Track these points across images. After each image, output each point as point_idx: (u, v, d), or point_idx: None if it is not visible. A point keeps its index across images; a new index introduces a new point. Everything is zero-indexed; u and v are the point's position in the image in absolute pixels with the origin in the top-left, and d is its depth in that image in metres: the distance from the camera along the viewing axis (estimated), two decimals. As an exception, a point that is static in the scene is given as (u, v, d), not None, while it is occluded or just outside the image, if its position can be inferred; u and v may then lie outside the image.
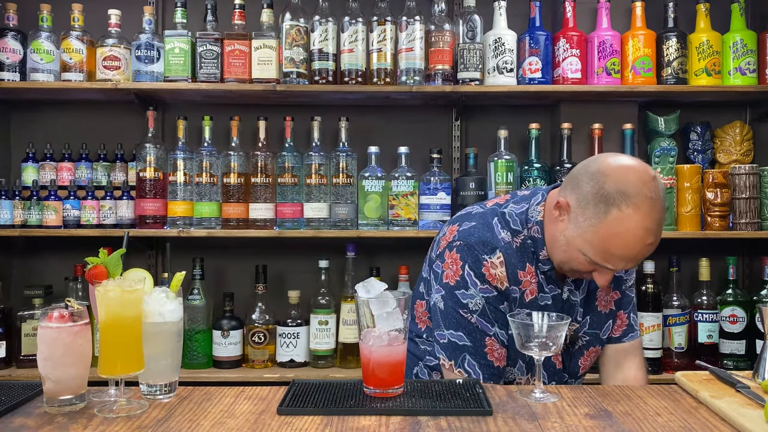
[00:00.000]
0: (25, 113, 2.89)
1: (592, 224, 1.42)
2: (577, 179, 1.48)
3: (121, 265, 1.36)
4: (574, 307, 1.61)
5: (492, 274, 1.52)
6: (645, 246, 1.42)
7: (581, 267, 1.48)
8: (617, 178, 1.41)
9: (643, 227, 1.39)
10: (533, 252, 1.56)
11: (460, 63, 2.63)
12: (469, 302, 1.53)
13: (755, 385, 1.39)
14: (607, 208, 1.40)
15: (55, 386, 1.25)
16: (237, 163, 2.64)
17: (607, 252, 1.42)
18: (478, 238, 1.54)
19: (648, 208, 1.39)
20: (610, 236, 1.41)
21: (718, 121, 2.89)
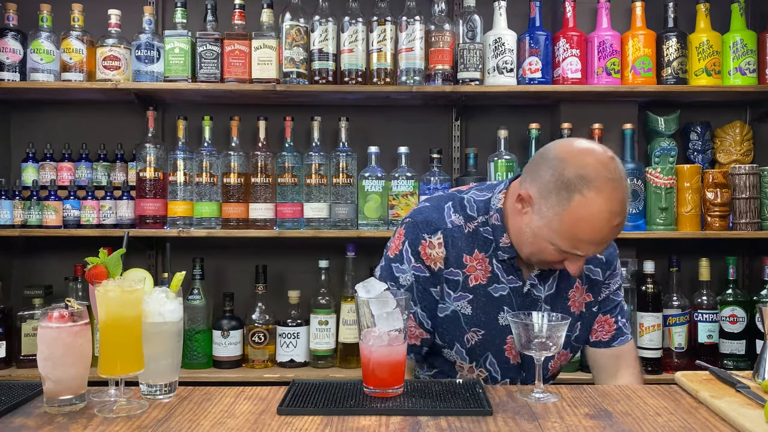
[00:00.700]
0: (25, 113, 2.89)
1: (556, 213, 1.40)
2: (537, 169, 1.46)
3: (121, 265, 1.36)
4: (537, 302, 1.58)
5: (427, 254, 1.54)
6: (612, 228, 1.40)
7: (551, 257, 1.46)
8: (576, 163, 1.40)
9: (608, 210, 1.38)
10: (490, 240, 1.56)
11: (460, 63, 2.63)
12: (400, 276, 1.55)
13: (755, 385, 1.39)
14: (569, 194, 1.38)
15: (55, 386, 1.25)
16: (237, 163, 2.64)
17: (575, 238, 1.41)
18: (424, 218, 1.56)
19: (610, 190, 1.38)
20: (575, 222, 1.39)
21: (718, 121, 2.89)
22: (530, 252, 1.49)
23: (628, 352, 1.70)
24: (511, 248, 1.54)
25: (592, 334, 1.68)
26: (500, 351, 1.57)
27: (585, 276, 1.63)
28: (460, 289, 1.55)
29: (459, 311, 1.54)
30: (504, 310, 1.56)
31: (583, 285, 1.62)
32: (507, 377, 1.61)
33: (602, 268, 1.65)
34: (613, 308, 1.68)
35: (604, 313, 1.67)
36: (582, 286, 1.62)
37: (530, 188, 1.46)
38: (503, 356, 1.58)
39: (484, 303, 1.55)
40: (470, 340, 1.55)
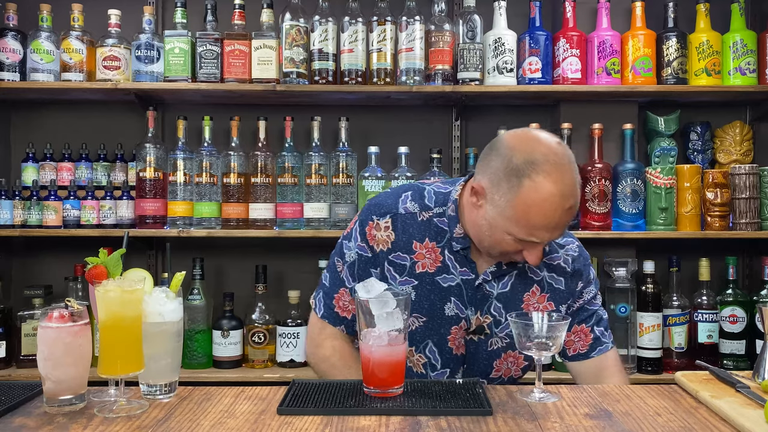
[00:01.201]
0: (25, 113, 2.89)
1: (508, 200, 1.42)
2: (487, 160, 1.48)
3: (121, 265, 1.36)
4: (488, 298, 1.58)
5: (372, 235, 1.59)
6: (564, 211, 1.41)
7: (510, 248, 1.47)
8: (524, 149, 1.42)
9: (559, 193, 1.39)
10: (445, 230, 1.58)
11: (460, 63, 2.63)
12: (346, 253, 1.62)
13: (755, 385, 1.39)
14: (519, 180, 1.40)
15: (55, 386, 1.25)
16: (237, 163, 2.64)
17: (529, 224, 1.41)
18: (378, 202, 1.62)
19: (559, 173, 1.39)
20: (528, 208, 1.40)
21: (718, 121, 2.89)
22: (489, 244, 1.50)
23: (610, 360, 1.67)
24: (464, 239, 1.56)
25: (569, 346, 1.66)
26: (443, 340, 1.58)
27: (546, 283, 1.62)
28: (405, 274, 1.58)
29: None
30: (451, 301, 1.57)
31: (544, 292, 1.61)
32: (447, 367, 1.61)
33: (566, 278, 1.63)
34: (589, 317, 1.67)
35: (579, 323, 1.66)
36: (542, 294, 1.61)
37: (482, 180, 1.48)
38: (446, 346, 1.59)
39: (429, 291, 1.57)
40: (411, 325, 1.56)
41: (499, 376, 1.64)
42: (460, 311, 1.57)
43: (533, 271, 1.61)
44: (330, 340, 1.64)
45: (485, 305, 1.58)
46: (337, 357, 1.63)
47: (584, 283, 1.66)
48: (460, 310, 1.57)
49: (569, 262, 1.64)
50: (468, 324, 1.58)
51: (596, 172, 2.60)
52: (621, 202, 2.62)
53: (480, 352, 1.60)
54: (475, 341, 1.60)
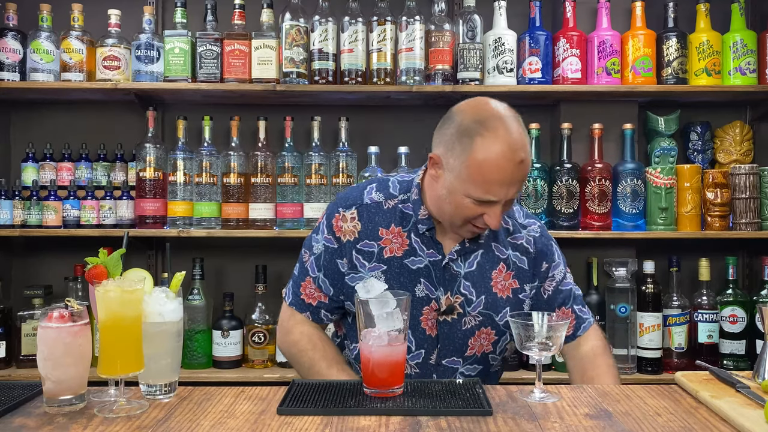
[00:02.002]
0: (25, 113, 2.89)
1: (462, 161, 1.48)
2: (441, 130, 1.56)
3: (121, 265, 1.36)
4: (456, 278, 1.63)
5: (339, 227, 1.65)
6: (516, 165, 1.46)
7: (471, 212, 1.52)
8: (471, 111, 1.51)
9: (509, 146, 1.46)
10: (409, 215, 1.64)
11: (460, 63, 2.63)
12: (314, 245, 1.69)
13: (755, 385, 1.39)
14: (470, 140, 1.47)
15: (55, 386, 1.25)
16: (237, 163, 2.64)
17: (485, 181, 1.47)
18: (344, 195, 1.70)
19: (506, 127, 1.47)
20: (481, 165, 1.46)
21: (718, 121, 2.89)
22: (452, 214, 1.55)
23: (594, 335, 1.73)
24: (428, 220, 1.62)
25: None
26: (416, 321, 1.61)
27: (512, 262, 1.67)
28: (374, 260, 1.63)
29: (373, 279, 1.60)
30: (421, 282, 1.61)
31: (509, 270, 1.66)
32: (422, 348, 1.64)
33: (529, 258, 1.68)
34: (566, 298, 1.72)
35: (559, 306, 1.70)
36: (507, 271, 1.66)
37: (438, 149, 1.55)
38: (419, 327, 1.62)
39: (398, 274, 1.61)
40: None
41: (473, 354, 1.66)
42: (430, 292, 1.61)
43: (499, 250, 1.66)
44: (299, 326, 1.70)
45: (454, 285, 1.62)
46: (306, 340, 1.68)
47: (549, 263, 1.70)
48: (430, 291, 1.61)
49: (531, 243, 1.69)
50: (438, 305, 1.62)
51: (596, 172, 2.61)
52: (621, 202, 2.62)
53: (454, 331, 1.63)
54: (449, 321, 1.63)
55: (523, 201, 2.62)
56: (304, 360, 1.67)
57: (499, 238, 1.67)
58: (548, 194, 2.64)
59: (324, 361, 1.64)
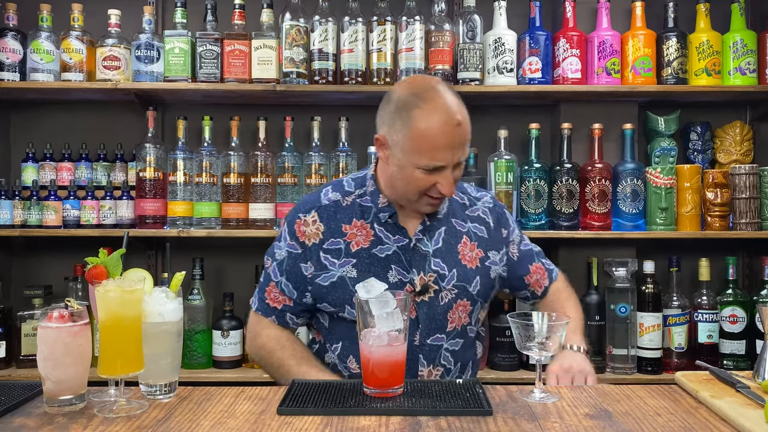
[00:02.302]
0: (25, 113, 2.89)
1: (405, 134, 1.55)
2: (382, 113, 1.63)
3: (121, 265, 1.36)
4: (426, 257, 1.67)
5: (302, 231, 1.69)
6: (455, 127, 1.55)
7: (423, 183, 1.57)
8: (406, 87, 1.62)
9: (445, 111, 1.55)
10: (369, 207, 1.69)
11: (460, 63, 2.63)
12: (276, 252, 1.72)
13: (755, 385, 1.39)
14: (408, 113, 1.55)
15: (55, 386, 1.25)
16: (237, 163, 2.64)
17: (430, 149, 1.54)
18: (302, 202, 1.75)
19: (440, 95, 1.57)
20: (423, 134, 1.53)
21: (718, 121, 2.88)
22: (405, 189, 1.61)
23: (562, 283, 1.90)
24: (389, 207, 1.68)
25: (538, 285, 1.84)
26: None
27: (473, 233, 1.75)
28: (343, 256, 1.66)
29: (345, 276, 1.65)
30: (392, 269, 1.65)
31: (473, 241, 1.74)
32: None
33: (487, 227, 1.78)
34: (533, 255, 1.85)
35: (530, 263, 1.83)
36: (471, 243, 1.74)
37: (381, 130, 1.63)
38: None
39: (369, 264, 1.65)
40: None
41: (454, 328, 1.69)
42: (402, 276, 1.65)
43: (459, 224, 1.74)
44: (265, 330, 1.73)
45: (425, 264, 1.67)
46: (273, 342, 1.71)
47: (507, 229, 1.81)
48: (402, 275, 1.65)
49: (487, 213, 1.80)
50: (413, 286, 1.64)
51: (596, 172, 2.61)
52: (621, 202, 2.62)
53: (434, 309, 1.66)
54: (427, 301, 1.66)
55: (523, 201, 2.62)
56: (273, 360, 1.70)
57: (458, 214, 1.75)
58: (548, 194, 2.64)
59: (293, 359, 1.67)
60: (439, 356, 1.66)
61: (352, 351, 1.65)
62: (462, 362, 1.71)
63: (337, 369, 1.68)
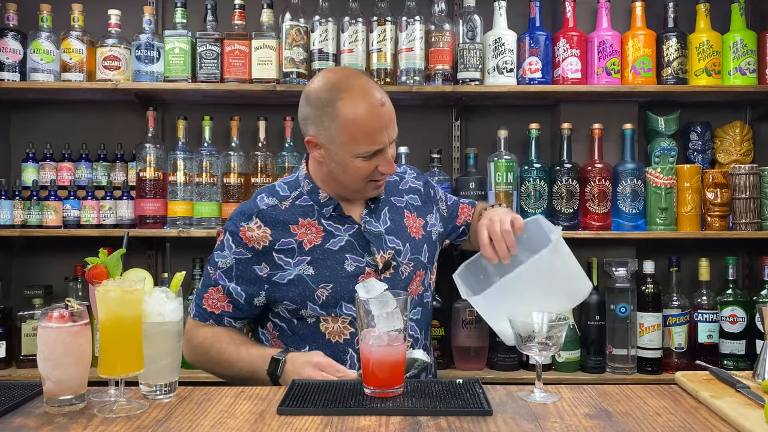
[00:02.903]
0: (25, 113, 2.89)
1: (336, 128, 1.58)
2: (304, 117, 1.66)
3: (121, 265, 1.36)
4: (380, 237, 1.72)
5: (249, 237, 1.68)
6: (381, 107, 1.59)
7: (366, 170, 1.61)
8: (319, 84, 1.63)
9: (367, 95, 1.59)
10: (311, 205, 1.71)
11: (460, 63, 2.63)
12: (219, 261, 1.70)
13: (755, 385, 1.39)
14: (332, 108, 1.58)
15: (55, 386, 1.26)
16: (237, 163, 2.64)
17: (365, 135, 1.58)
18: (238, 211, 1.73)
19: (356, 81, 1.60)
20: (353, 123, 1.57)
21: (718, 121, 2.88)
22: (351, 181, 1.64)
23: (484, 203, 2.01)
24: (330, 200, 1.71)
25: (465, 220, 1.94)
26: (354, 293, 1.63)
27: (410, 205, 1.82)
28: (297, 255, 1.68)
29: (302, 274, 1.66)
30: (348, 258, 1.68)
31: (412, 213, 1.81)
32: None
33: (419, 194, 1.86)
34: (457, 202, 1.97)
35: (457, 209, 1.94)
36: (411, 214, 1.80)
37: (310, 132, 1.65)
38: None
39: (324, 259, 1.67)
40: (321, 296, 1.66)
41: (413, 299, 1.75)
42: (358, 263, 1.69)
43: (397, 201, 1.81)
44: (201, 330, 1.73)
45: (381, 243, 1.71)
46: (210, 337, 1.70)
47: (432, 189, 1.91)
48: (358, 262, 1.69)
49: (414, 181, 1.88)
50: (375, 266, 1.67)
51: (596, 172, 2.61)
52: (621, 202, 2.62)
53: (397, 284, 1.69)
54: (389, 278, 1.69)
55: (523, 201, 2.62)
56: (212, 354, 1.69)
57: (393, 191, 1.82)
58: (548, 194, 2.64)
59: (231, 345, 1.67)
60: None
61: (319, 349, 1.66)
62: (425, 329, 1.76)
63: None
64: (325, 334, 1.68)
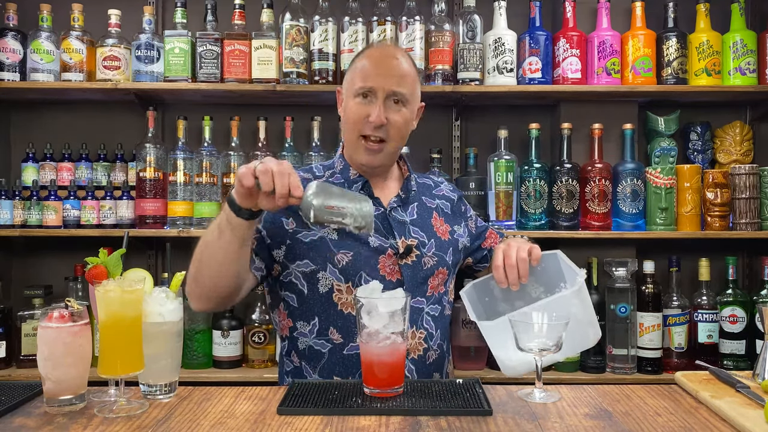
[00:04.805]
0: (25, 113, 2.89)
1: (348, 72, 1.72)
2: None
3: (121, 265, 1.36)
4: (404, 225, 1.73)
5: None
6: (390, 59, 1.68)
7: (357, 114, 1.66)
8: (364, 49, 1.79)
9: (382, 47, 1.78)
10: (342, 182, 1.74)
11: (460, 63, 2.63)
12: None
13: (755, 385, 1.39)
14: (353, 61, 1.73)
15: (55, 386, 1.25)
16: (237, 163, 2.64)
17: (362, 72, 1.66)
18: None
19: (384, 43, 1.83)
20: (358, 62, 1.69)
21: (718, 121, 2.88)
22: (349, 131, 1.70)
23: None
24: (360, 177, 1.74)
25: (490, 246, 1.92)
26: (374, 270, 1.66)
27: (440, 210, 1.84)
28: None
29: (326, 236, 1.66)
30: (372, 234, 1.66)
31: (440, 216, 1.82)
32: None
33: (452, 203, 1.88)
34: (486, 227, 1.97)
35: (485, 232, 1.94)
36: (440, 218, 1.82)
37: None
38: (378, 275, 1.66)
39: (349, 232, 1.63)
40: (341, 261, 1.65)
41: (432, 294, 1.73)
42: (382, 242, 1.68)
43: (428, 201, 1.83)
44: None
45: (404, 230, 1.72)
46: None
47: (465, 206, 1.93)
48: (382, 241, 1.68)
49: (450, 191, 1.92)
50: (395, 250, 1.68)
51: (596, 172, 2.60)
52: (621, 202, 2.62)
53: (417, 272, 1.69)
54: (410, 264, 1.69)
55: (523, 201, 2.62)
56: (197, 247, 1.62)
57: (426, 193, 1.85)
58: (548, 194, 2.64)
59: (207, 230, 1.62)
60: (421, 319, 1.69)
61: (329, 322, 1.65)
62: (441, 329, 1.75)
63: (314, 350, 1.66)
64: (337, 305, 1.65)
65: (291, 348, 1.73)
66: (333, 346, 1.65)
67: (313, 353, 1.67)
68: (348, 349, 1.62)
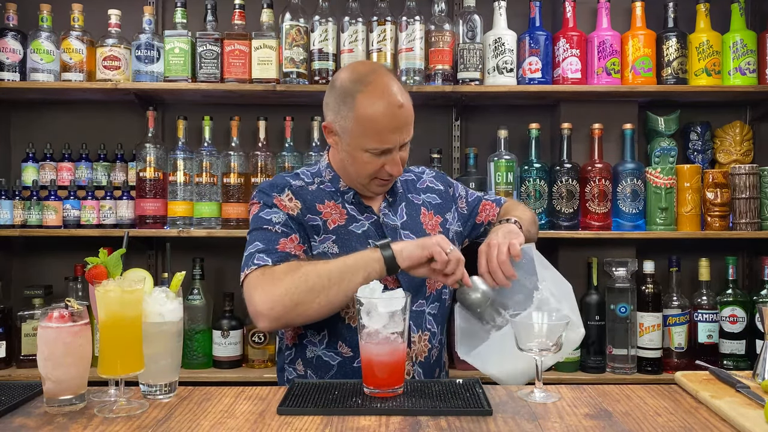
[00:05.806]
0: (25, 113, 2.89)
1: (351, 119, 1.61)
2: (326, 102, 1.70)
3: (121, 265, 1.36)
4: (396, 230, 1.74)
5: (284, 205, 1.69)
6: (398, 109, 1.61)
7: (372, 166, 1.64)
8: (347, 74, 1.66)
9: (387, 94, 1.60)
10: (332, 190, 1.74)
11: (460, 63, 2.63)
12: (272, 216, 1.67)
13: (755, 385, 1.39)
14: (352, 98, 1.61)
15: (55, 386, 1.26)
16: (237, 163, 2.64)
17: (377, 132, 1.60)
18: (268, 184, 1.74)
19: (380, 79, 1.62)
20: (368, 117, 1.59)
21: (718, 121, 2.88)
22: (357, 173, 1.68)
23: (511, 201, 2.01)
24: (350, 189, 1.74)
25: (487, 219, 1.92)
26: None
27: (428, 203, 1.84)
28: (322, 233, 1.69)
29: (327, 252, 1.67)
30: (370, 243, 1.68)
31: (429, 210, 1.83)
32: None
33: (438, 193, 1.88)
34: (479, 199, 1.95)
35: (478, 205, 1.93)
36: (429, 212, 1.82)
37: (327, 117, 1.69)
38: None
39: (347, 240, 1.69)
40: None
41: (431, 293, 1.75)
42: None
43: (415, 198, 1.83)
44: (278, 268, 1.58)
45: (396, 236, 1.73)
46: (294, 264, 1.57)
47: (451, 187, 1.93)
48: None
49: (434, 181, 1.91)
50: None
51: (596, 172, 2.60)
52: (621, 202, 2.62)
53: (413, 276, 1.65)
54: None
55: (523, 201, 2.62)
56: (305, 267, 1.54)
57: (411, 189, 1.85)
58: (548, 194, 2.64)
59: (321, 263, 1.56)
60: (424, 321, 1.70)
61: (338, 336, 1.66)
62: (442, 325, 1.77)
63: (323, 360, 1.67)
64: (344, 319, 1.66)
65: (297, 356, 1.73)
66: (342, 359, 1.66)
67: (321, 363, 1.67)
68: (358, 362, 1.61)
